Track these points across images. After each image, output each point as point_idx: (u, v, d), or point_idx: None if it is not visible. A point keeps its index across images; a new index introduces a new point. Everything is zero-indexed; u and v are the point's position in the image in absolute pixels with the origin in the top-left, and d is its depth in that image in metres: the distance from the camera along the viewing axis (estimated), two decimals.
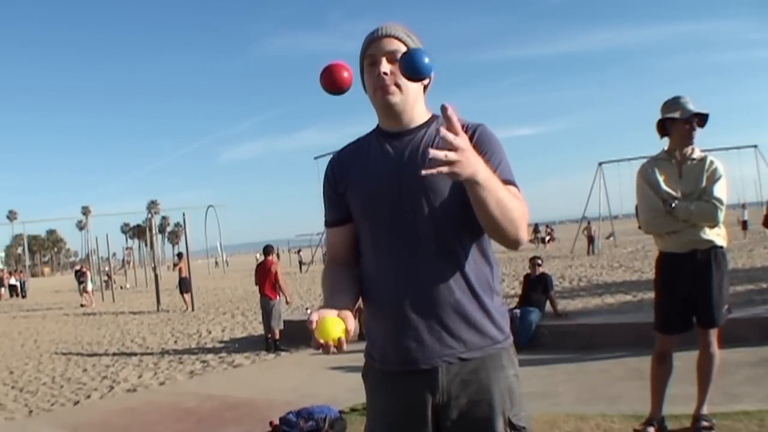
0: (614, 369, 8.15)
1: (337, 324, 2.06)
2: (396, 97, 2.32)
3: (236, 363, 12.02)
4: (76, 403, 10.15)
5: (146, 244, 46.52)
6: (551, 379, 8.09)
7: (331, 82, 2.21)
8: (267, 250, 14.37)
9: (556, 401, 7.06)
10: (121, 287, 48.84)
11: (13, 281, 51.19)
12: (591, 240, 39.25)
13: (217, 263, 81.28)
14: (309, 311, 2.97)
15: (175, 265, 27.64)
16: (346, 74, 2.21)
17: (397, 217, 2.30)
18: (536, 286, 11.55)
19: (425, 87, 2.46)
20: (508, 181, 2.19)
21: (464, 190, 2.06)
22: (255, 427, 6.98)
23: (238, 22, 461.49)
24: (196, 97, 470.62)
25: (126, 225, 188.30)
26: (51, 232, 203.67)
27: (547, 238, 57.13)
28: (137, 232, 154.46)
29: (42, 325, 24.70)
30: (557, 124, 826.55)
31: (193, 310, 23.70)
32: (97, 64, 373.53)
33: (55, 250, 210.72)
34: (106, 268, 46.06)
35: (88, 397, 10.49)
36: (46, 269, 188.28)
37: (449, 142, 1.84)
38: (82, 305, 32.56)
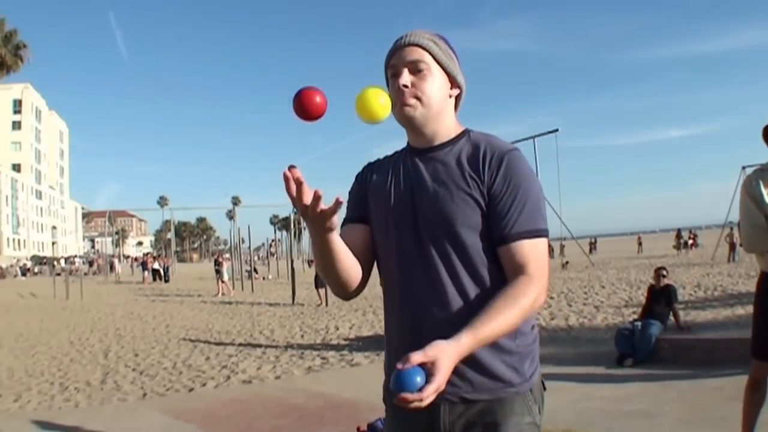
0: (727, 387, 7.77)
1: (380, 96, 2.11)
2: (415, 111, 2.24)
3: (355, 362, 12.08)
4: (191, 390, 10.49)
5: (293, 237, 47.48)
6: (660, 397, 7.85)
7: (303, 110, 2.02)
8: None
9: (658, 422, 6.81)
10: (264, 278, 49.94)
11: (156, 266, 53.27)
12: (732, 247, 37.67)
13: None
14: None
15: (311, 261, 28.06)
16: (318, 99, 2.01)
17: (407, 238, 2.25)
18: (660, 298, 11.14)
19: (457, 99, 2.38)
20: (528, 234, 2.13)
21: (483, 217, 2.12)
22: (350, 429, 6.99)
23: (390, 21, 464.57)
24: (347, 95, 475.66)
25: (275, 217, 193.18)
26: (201, 220, 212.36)
27: (690, 242, 55.80)
28: (285, 224, 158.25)
29: (177, 311, 25.72)
30: (708, 125, 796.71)
31: (326, 305, 23.97)
32: (257, 64, 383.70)
33: (204, 237, 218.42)
34: (253, 259, 47.14)
35: (204, 385, 10.81)
36: (195, 255, 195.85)
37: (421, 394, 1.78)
38: (217, 294, 33.52)
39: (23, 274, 74.24)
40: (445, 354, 1.83)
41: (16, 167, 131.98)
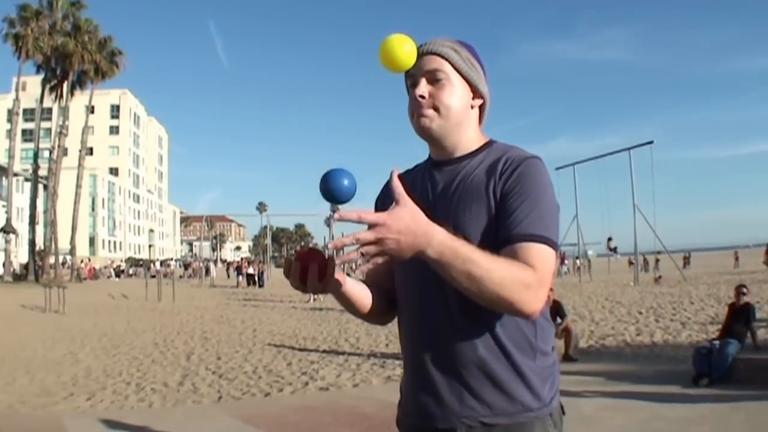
0: None
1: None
2: (432, 123, 2.16)
3: None
4: (267, 395, 10.49)
5: None
6: (727, 418, 7.73)
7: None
8: None
9: None
10: None
11: (251, 271, 53.86)
12: None
13: None
14: None
15: None
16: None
17: (422, 266, 2.03)
18: (739, 317, 10.90)
19: (481, 109, 2.29)
20: (535, 237, 1.96)
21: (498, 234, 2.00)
22: None
23: (489, 29, 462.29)
24: None
25: None
26: (299, 226, 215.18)
27: None
28: None
29: (267, 316, 25.85)
30: None
31: None
32: (359, 66, 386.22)
33: (302, 243, 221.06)
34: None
35: (281, 390, 10.81)
36: None
37: (365, 220, 1.70)
38: (308, 301, 33.73)
39: (117, 276, 75.99)
40: (411, 211, 1.77)
41: (114, 171, 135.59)
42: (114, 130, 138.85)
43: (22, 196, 76.22)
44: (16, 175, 67.29)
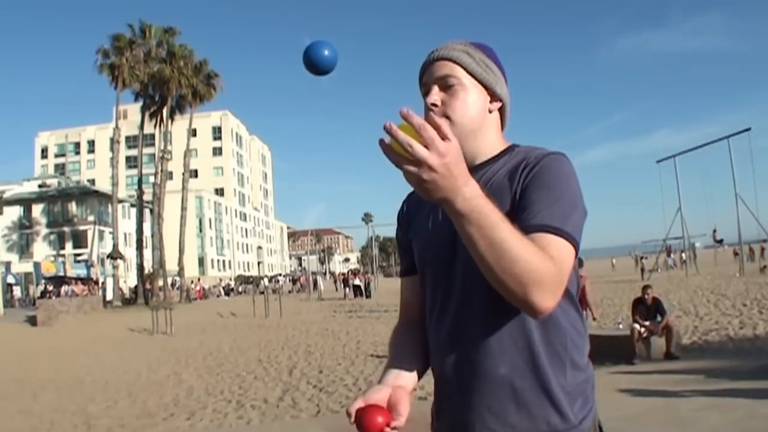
0: None
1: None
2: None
3: None
4: None
5: None
6: None
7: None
8: (578, 262, 13.82)
9: None
10: None
11: (357, 282, 54.12)
12: None
13: None
14: (620, 325, 2.58)
15: None
16: (380, 419, 1.75)
17: (447, 272, 2.01)
18: None
19: (501, 113, 2.15)
20: (552, 229, 1.77)
21: None
22: None
23: (584, 24, 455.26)
24: (546, 98, 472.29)
25: None
26: None
27: None
28: None
29: (372, 327, 25.85)
30: None
31: None
32: None
33: None
34: None
35: None
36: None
37: (422, 132, 1.53)
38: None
39: (226, 294, 77.04)
40: (459, 150, 1.59)
41: (220, 191, 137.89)
42: (217, 152, 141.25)
43: (129, 222, 78.37)
44: (121, 201, 69.19)
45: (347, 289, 54.77)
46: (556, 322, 1.89)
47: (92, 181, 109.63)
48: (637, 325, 12.43)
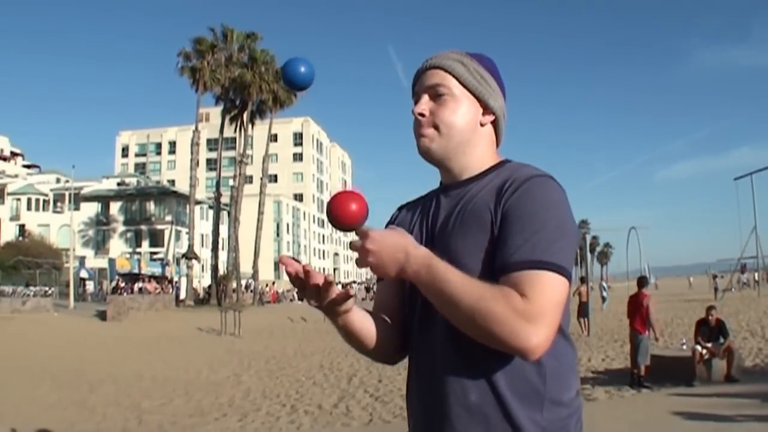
0: None
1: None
2: (432, 143, 1.98)
3: (593, 396, 11.47)
4: None
5: (580, 263, 46.93)
6: None
7: (334, 218, 1.83)
8: (641, 281, 13.88)
9: None
10: None
11: None
12: None
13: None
14: (684, 346, 2.45)
15: (577, 289, 27.35)
16: (354, 207, 1.81)
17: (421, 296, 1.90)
18: None
19: (495, 126, 2.07)
20: (532, 263, 1.69)
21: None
22: None
23: (668, 37, 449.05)
24: (630, 114, 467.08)
25: None
26: None
27: None
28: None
29: None
30: None
31: (588, 335, 23.25)
32: (543, 77, 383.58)
33: None
34: None
35: None
36: None
37: (359, 232, 1.77)
38: None
39: (300, 299, 77.34)
40: (401, 232, 1.81)
41: (299, 197, 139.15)
42: (297, 157, 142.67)
43: (206, 223, 79.45)
44: (199, 203, 70.15)
45: None
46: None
47: (172, 182, 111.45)
48: (698, 347, 12.16)
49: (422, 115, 1.97)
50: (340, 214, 1.81)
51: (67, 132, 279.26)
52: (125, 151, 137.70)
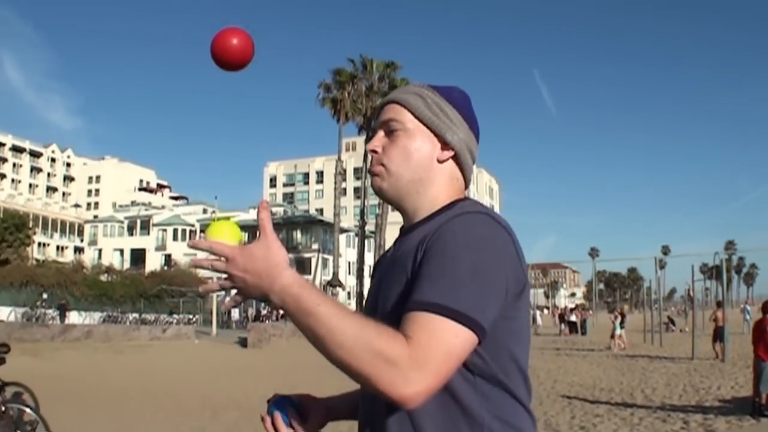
0: None
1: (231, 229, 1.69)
2: (383, 182, 1.86)
3: (712, 427, 11.08)
4: None
5: (721, 286, 45.56)
6: None
7: (217, 58, 1.70)
8: (765, 306, 13.29)
9: None
10: (681, 330, 48.84)
11: (573, 318, 53.33)
12: None
13: None
14: None
15: (713, 313, 26.49)
16: (235, 41, 1.67)
17: None
18: None
19: (457, 162, 1.90)
20: (426, 305, 1.52)
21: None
22: None
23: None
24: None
25: (704, 265, 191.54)
26: (632, 270, 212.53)
27: None
28: (714, 272, 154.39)
29: (574, 365, 25.16)
30: None
31: (723, 360, 22.47)
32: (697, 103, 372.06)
33: (635, 287, 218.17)
34: (669, 310, 46.10)
35: None
36: (626, 306, 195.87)
37: (213, 251, 1.56)
38: (609, 348, 33.22)
39: None
40: (266, 249, 1.55)
41: None
42: None
43: (352, 251, 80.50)
44: (344, 231, 71.22)
45: (563, 325, 54.33)
46: (467, 410, 1.61)
47: (320, 211, 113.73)
48: None
49: (374, 152, 1.87)
50: (221, 52, 1.69)
51: (215, 164, 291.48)
52: (273, 182, 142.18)
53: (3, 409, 8.52)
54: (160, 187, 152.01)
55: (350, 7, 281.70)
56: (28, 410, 8.75)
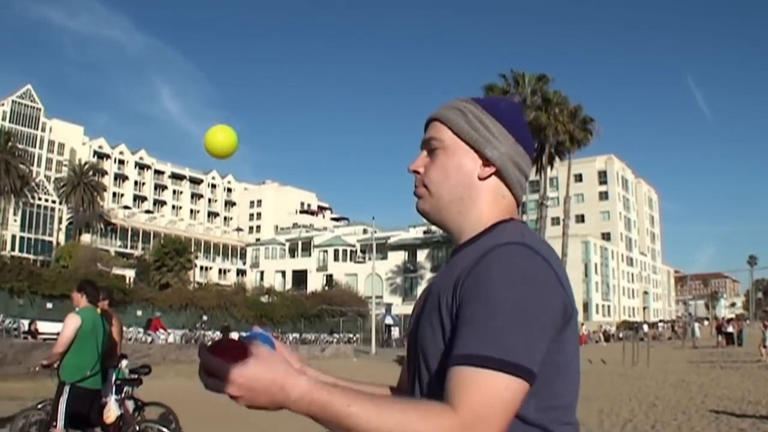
0: None
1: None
2: (425, 204, 1.82)
3: None
4: None
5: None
6: None
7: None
8: None
9: None
10: None
11: (729, 329, 51.88)
12: None
13: None
14: None
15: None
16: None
17: (409, 367, 1.81)
18: None
19: (502, 178, 1.80)
20: (470, 357, 1.45)
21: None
22: None
23: None
24: None
25: None
26: None
27: None
28: None
29: (727, 378, 24.66)
30: None
31: None
32: None
33: None
34: None
35: None
36: None
37: (212, 371, 1.44)
38: (759, 359, 32.30)
39: (606, 340, 76.16)
40: (265, 363, 1.44)
41: (606, 236, 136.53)
42: (603, 196, 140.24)
43: None
44: None
45: (720, 337, 53.03)
46: None
47: None
48: None
49: (416, 172, 1.83)
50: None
51: (374, 184, 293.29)
52: None
53: (141, 428, 8.64)
54: (321, 209, 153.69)
55: (500, 21, 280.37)
56: (165, 430, 8.79)
